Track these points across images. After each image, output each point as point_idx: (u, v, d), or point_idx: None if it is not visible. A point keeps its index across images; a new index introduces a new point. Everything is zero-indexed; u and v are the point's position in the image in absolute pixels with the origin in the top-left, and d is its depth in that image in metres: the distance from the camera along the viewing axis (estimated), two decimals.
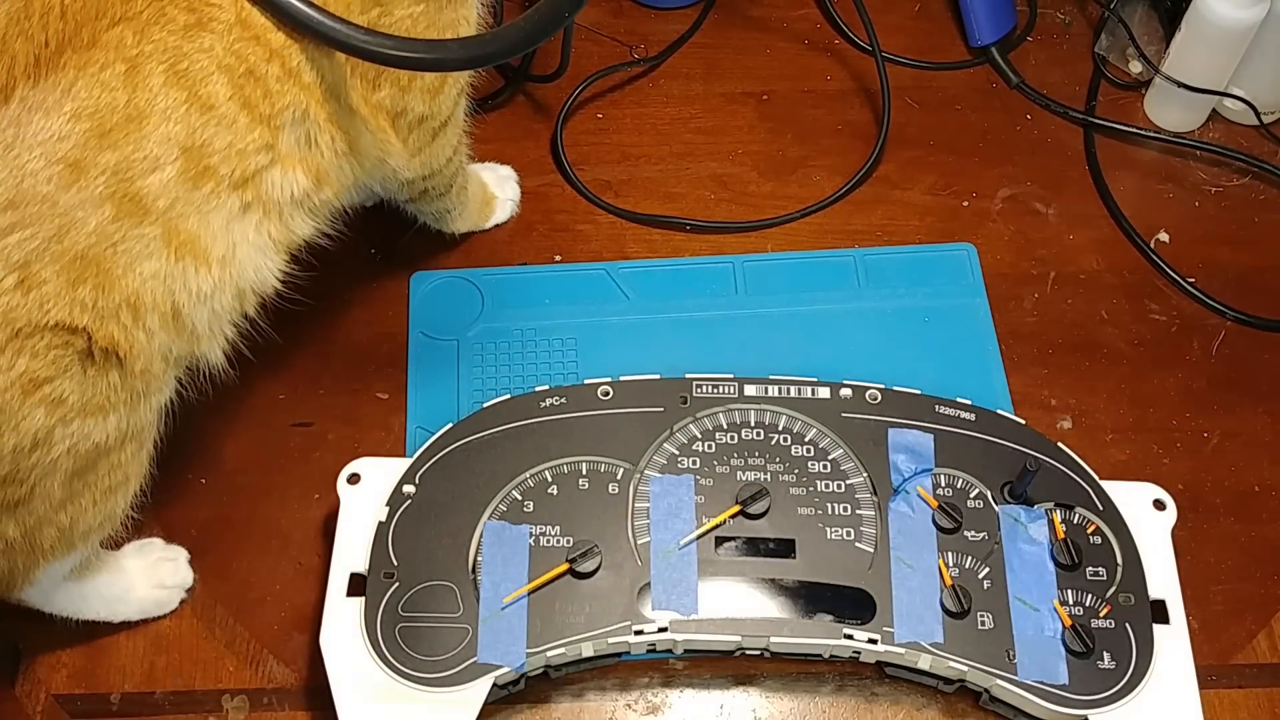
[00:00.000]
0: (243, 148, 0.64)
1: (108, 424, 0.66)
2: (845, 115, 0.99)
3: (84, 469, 0.67)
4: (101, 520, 0.71)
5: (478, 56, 0.66)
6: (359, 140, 0.71)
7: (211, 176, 0.63)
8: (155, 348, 0.66)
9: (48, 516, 0.67)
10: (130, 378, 0.65)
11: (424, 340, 0.88)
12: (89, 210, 0.60)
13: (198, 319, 0.67)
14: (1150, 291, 0.91)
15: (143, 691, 0.76)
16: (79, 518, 0.69)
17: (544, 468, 0.76)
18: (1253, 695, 0.76)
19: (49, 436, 0.63)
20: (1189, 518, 0.79)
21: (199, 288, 0.66)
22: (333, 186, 0.71)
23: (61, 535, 0.69)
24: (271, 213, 0.68)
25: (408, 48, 0.64)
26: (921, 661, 0.72)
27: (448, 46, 0.66)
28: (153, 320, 0.64)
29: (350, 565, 0.74)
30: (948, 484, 0.76)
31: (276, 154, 0.66)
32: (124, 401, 0.66)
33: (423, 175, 0.80)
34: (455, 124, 0.80)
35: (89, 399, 0.64)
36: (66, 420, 0.63)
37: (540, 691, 0.75)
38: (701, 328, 0.88)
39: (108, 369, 0.64)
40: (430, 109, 0.75)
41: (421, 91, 0.74)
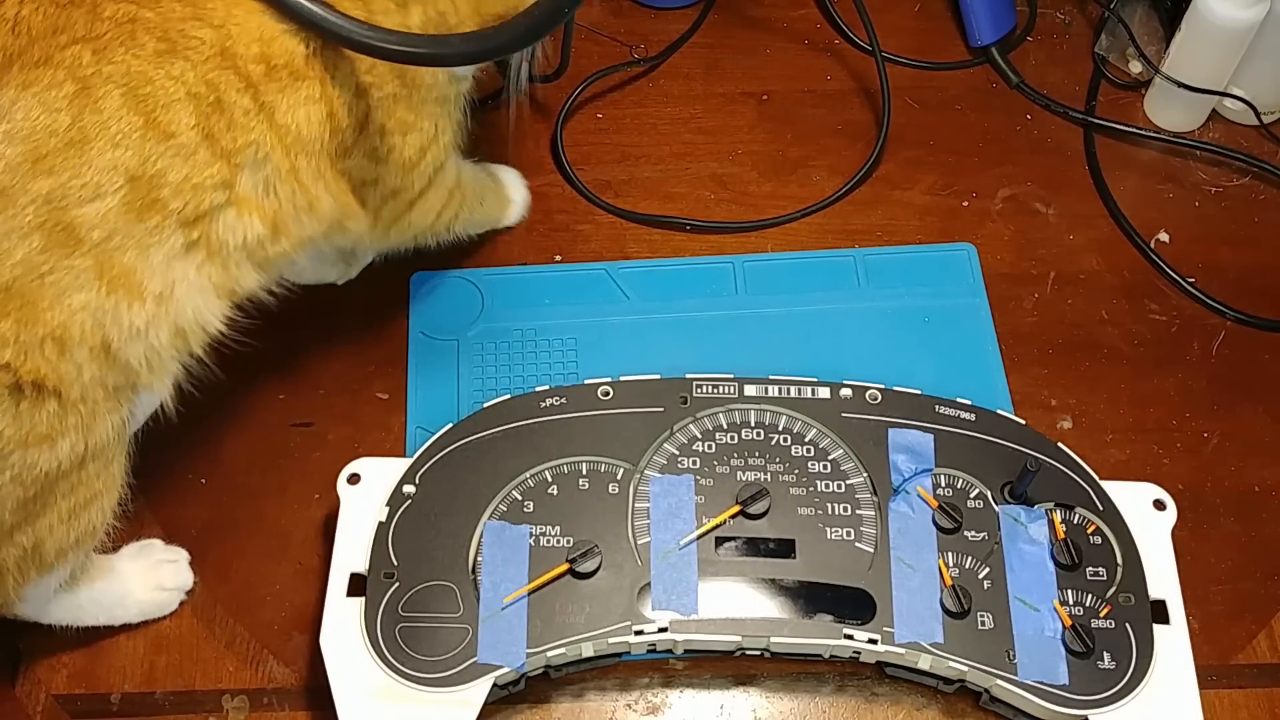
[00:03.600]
0: (199, 182, 0.62)
1: (57, 451, 0.63)
2: (845, 115, 0.99)
3: (38, 495, 0.64)
4: (77, 537, 0.68)
5: (478, 51, 0.65)
6: (318, 201, 0.68)
7: (159, 210, 0.61)
8: (88, 379, 0.63)
9: (5, 539, 0.65)
10: (69, 406, 0.63)
11: (424, 340, 0.88)
12: (14, 241, 0.57)
13: (131, 354, 0.64)
14: (1150, 291, 0.91)
15: (143, 692, 0.76)
16: (45, 539, 0.67)
17: (544, 468, 0.76)
18: (1253, 695, 0.76)
19: None
20: (1189, 518, 0.79)
21: (132, 323, 0.63)
22: (290, 239, 0.68)
23: (29, 556, 0.67)
24: (216, 256, 0.65)
25: (409, 42, 0.63)
26: (922, 662, 0.72)
27: (449, 42, 0.65)
28: (81, 353, 0.62)
29: (350, 565, 0.74)
30: (948, 484, 0.76)
31: (234, 194, 0.64)
32: (73, 427, 0.63)
33: (409, 238, 0.80)
34: (438, 187, 0.78)
35: (27, 431, 0.61)
36: (4, 454, 0.61)
37: (540, 692, 0.75)
38: (701, 328, 0.88)
39: (41, 401, 0.61)
40: (403, 183, 0.74)
41: (397, 166, 0.72)
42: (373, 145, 0.70)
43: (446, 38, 0.65)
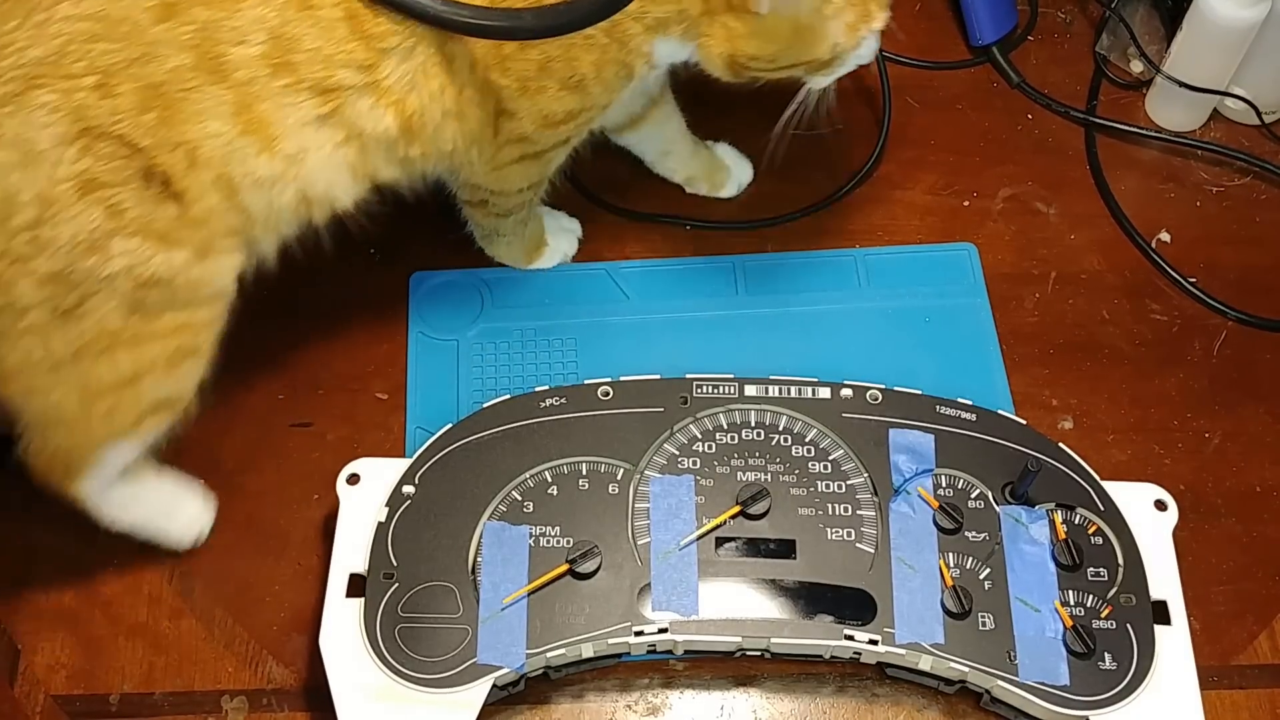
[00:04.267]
0: (331, 55, 0.65)
1: (171, 259, 0.66)
2: (845, 115, 0.99)
3: (146, 307, 0.67)
4: (168, 394, 0.72)
5: (551, 26, 0.67)
6: (467, 113, 0.71)
7: (292, 73, 0.65)
8: (208, 204, 0.67)
9: (102, 350, 0.67)
10: (188, 219, 0.66)
11: (424, 340, 0.87)
12: (171, 51, 0.62)
13: (252, 201, 0.68)
14: (1151, 291, 0.91)
15: (142, 692, 0.76)
16: (140, 373, 0.69)
17: (544, 468, 0.76)
18: (1254, 696, 0.76)
19: (106, 243, 0.64)
20: (1190, 518, 0.79)
21: (258, 171, 0.67)
22: (422, 146, 0.71)
23: (119, 391, 0.69)
24: (355, 140, 0.69)
25: (483, 15, 0.66)
26: (922, 662, 0.72)
27: (522, 15, 0.67)
28: (207, 176, 0.66)
29: (350, 566, 0.74)
30: (948, 484, 0.76)
31: (373, 80, 0.67)
32: (189, 242, 0.67)
33: (490, 188, 0.81)
34: (545, 162, 0.80)
35: (149, 219, 0.65)
36: (125, 233, 0.64)
37: (540, 692, 0.75)
38: (701, 328, 0.88)
39: (166, 198, 0.65)
40: (535, 133, 0.75)
41: (538, 115, 0.74)
42: (528, 74, 0.72)
43: (519, 11, 0.67)
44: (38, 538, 0.81)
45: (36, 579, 0.79)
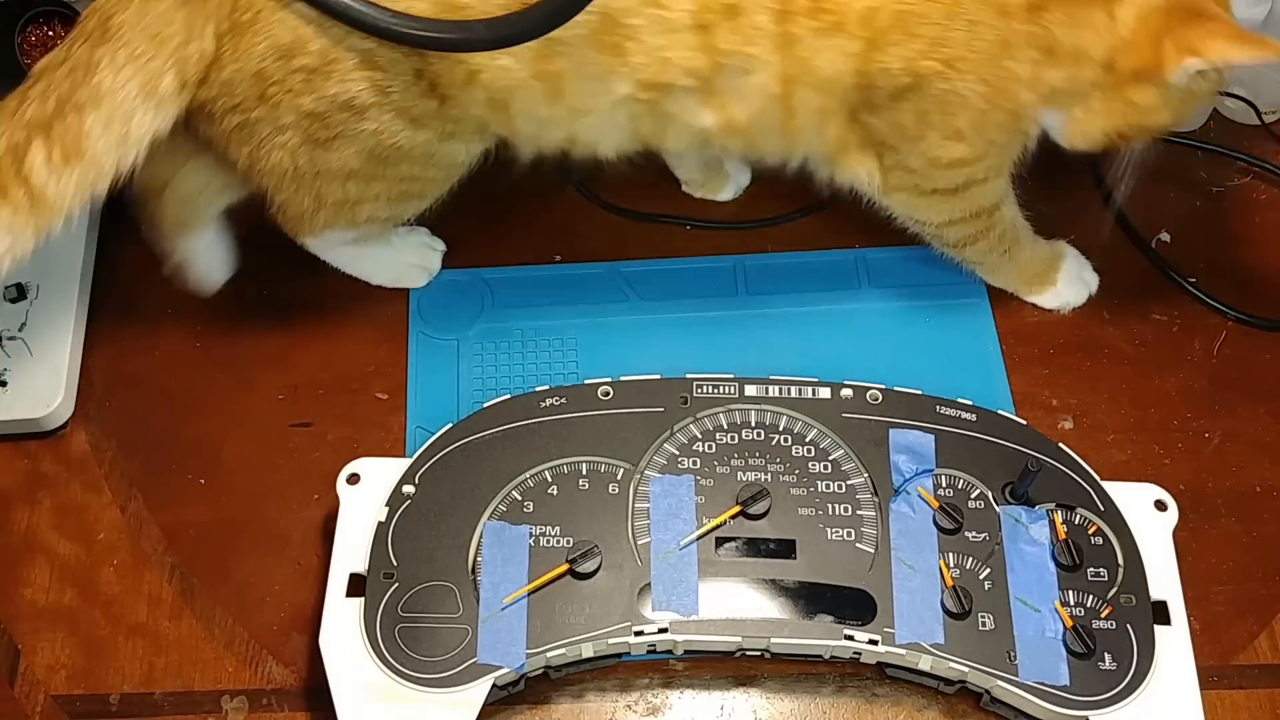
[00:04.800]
0: (668, 58, 0.68)
1: (416, 137, 0.74)
2: None
3: (384, 159, 0.76)
4: (387, 216, 0.82)
5: (503, 37, 0.67)
6: (794, 128, 0.74)
7: (618, 55, 0.68)
8: (470, 113, 0.74)
9: (339, 177, 0.77)
10: (445, 115, 0.74)
11: (424, 340, 0.87)
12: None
13: (518, 125, 0.75)
14: (1151, 292, 0.91)
15: (142, 692, 0.76)
16: (367, 201, 0.79)
17: (544, 468, 0.76)
18: (1254, 696, 0.76)
19: (364, 108, 0.72)
20: (1190, 518, 0.79)
21: (536, 111, 0.73)
22: (740, 142, 0.75)
23: (345, 206, 0.79)
24: (653, 115, 0.73)
25: (434, 28, 0.66)
26: (922, 662, 0.72)
27: (473, 28, 0.67)
28: (479, 95, 0.72)
29: (350, 565, 0.74)
30: (949, 484, 0.76)
31: (704, 88, 0.70)
32: (435, 130, 0.75)
33: (897, 215, 0.81)
34: (964, 199, 0.79)
35: (408, 105, 0.73)
36: (382, 107, 0.72)
37: (540, 692, 0.75)
38: (702, 328, 0.88)
39: (429, 94, 0.72)
40: (924, 172, 0.76)
41: (922, 156, 0.75)
42: (903, 124, 0.73)
43: (471, 24, 0.67)
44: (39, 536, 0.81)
45: (36, 579, 0.79)
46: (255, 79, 0.71)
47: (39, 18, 0.91)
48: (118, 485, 0.83)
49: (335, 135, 0.74)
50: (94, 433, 0.85)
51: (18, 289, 0.86)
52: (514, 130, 0.76)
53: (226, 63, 0.70)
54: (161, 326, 0.89)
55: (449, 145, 0.77)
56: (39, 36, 0.91)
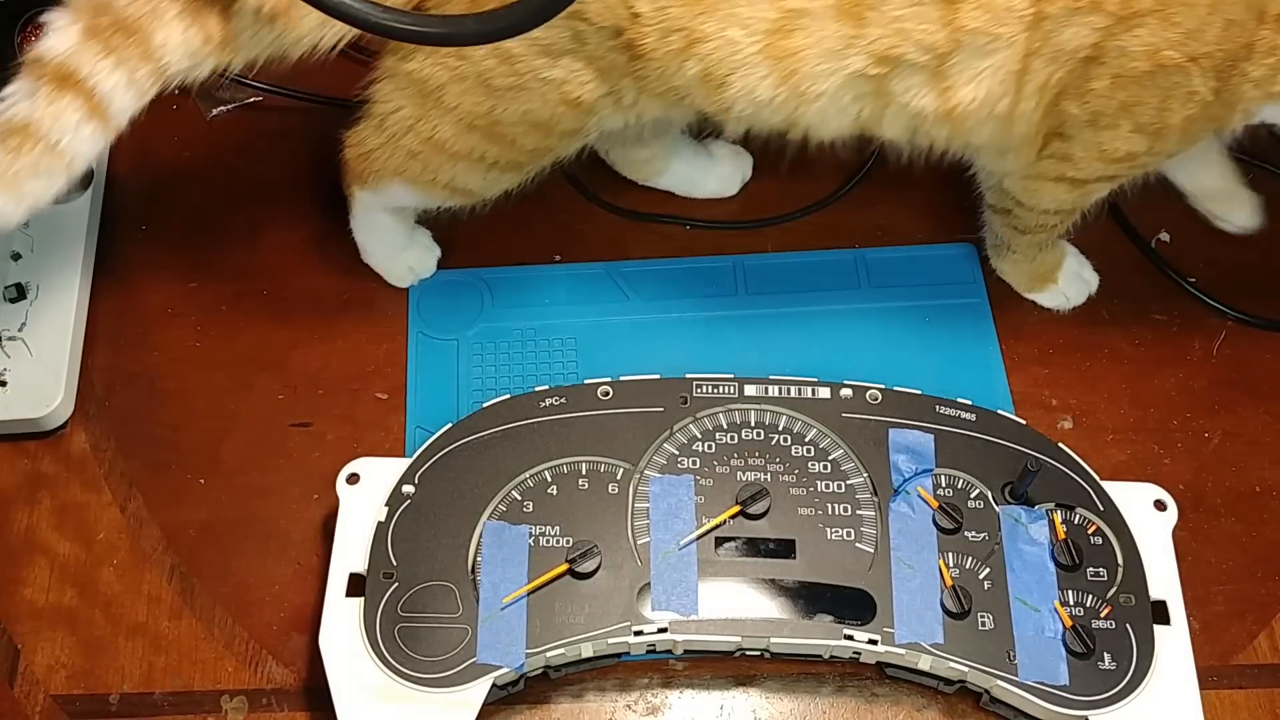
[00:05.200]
0: (909, 30, 0.66)
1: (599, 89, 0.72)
2: None
3: (490, 121, 0.74)
4: (470, 186, 0.80)
5: (492, 31, 0.66)
6: (1017, 118, 0.71)
7: (856, 25, 0.66)
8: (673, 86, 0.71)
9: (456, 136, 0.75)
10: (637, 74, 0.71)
11: (424, 340, 0.87)
12: None
13: (733, 104, 0.71)
14: (1151, 291, 0.91)
15: (141, 692, 0.76)
16: (461, 159, 0.77)
17: (544, 468, 0.76)
18: (1253, 696, 0.76)
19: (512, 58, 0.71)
20: (1190, 518, 0.79)
21: (757, 91, 0.69)
22: (950, 131, 0.72)
23: (427, 165, 0.78)
24: (878, 101, 0.70)
25: (422, 22, 0.65)
26: (922, 662, 0.72)
27: (463, 22, 0.66)
28: (693, 69, 0.69)
29: (349, 565, 0.74)
30: (948, 484, 0.76)
31: (938, 67, 0.68)
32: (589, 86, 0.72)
33: (1017, 197, 0.80)
34: (1084, 193, 0.79)
35: (598, 56, 0.71)
36: (577, 55, 0.71)
37: (540, 692, 0.75)
38: (702, 328, 0.88)
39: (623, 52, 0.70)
40: (1084, 161, 0.74)
41: (1095, 147, 0.73)
42: (1102, 110, 0.71)
43: (461, 18, 0.66)
44: (39, 536, 0.81)
45: (36, 579, 0.79)
46: None
47: (39, 18, 0.91)
48: (118, 485, 0.83)
49: (515, 84, 0.72)
50: (94, 433, 0.85)
51: (18, 289, 0.86)
52: (724, 112, 0.72)
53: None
54: (161, 326, 0.89)
55: (613, 115, 0.75)
56: (39, 36, 0.91)
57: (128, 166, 0.95)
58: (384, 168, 0.80)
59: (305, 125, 0.98)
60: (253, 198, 0.94)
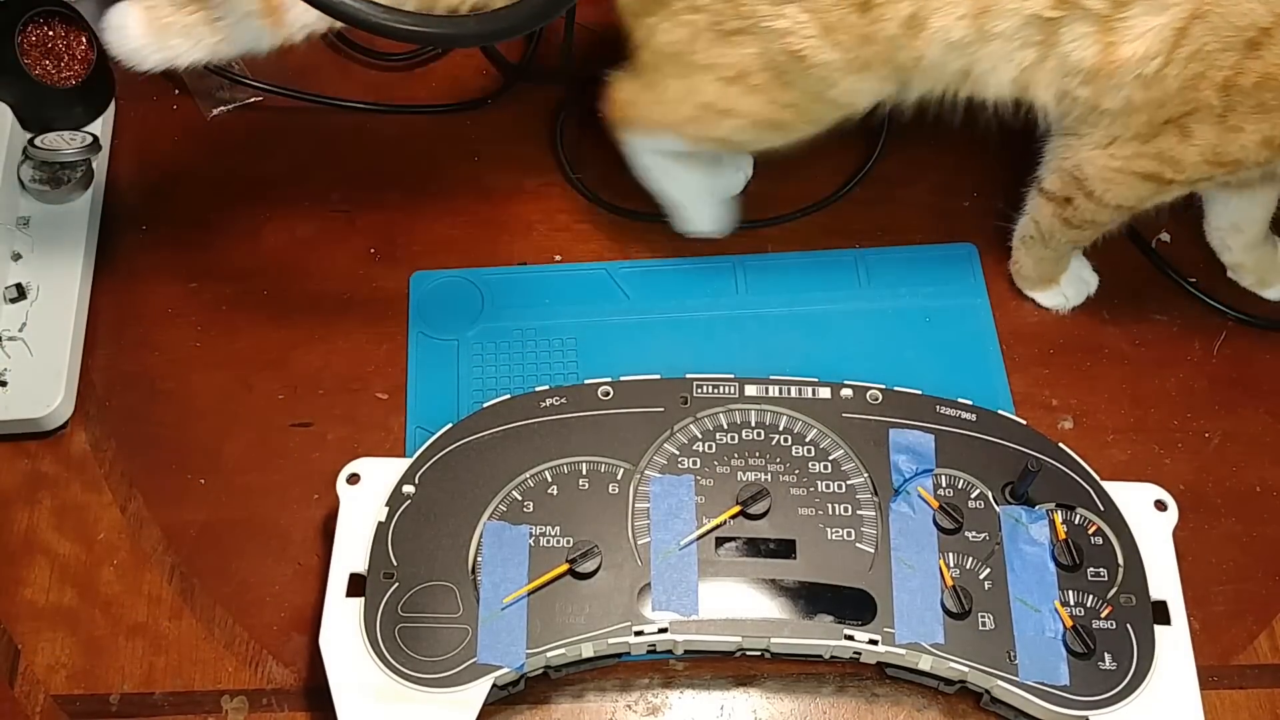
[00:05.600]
0: None
1: (824, 52, 0.73)
2: None
3: (781, 71, 0.75)
4: (737, 139, 0.82)
5: (493, 31, 0.66)
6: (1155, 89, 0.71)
7: None
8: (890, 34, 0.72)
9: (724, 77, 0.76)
10: (862, 33, 0.72)
11: (424, 340, 0.87)
12: None
13: (927, 51, 0.72)
14: (1151, 292, 0.91)
15: (142, 692, 0.76)
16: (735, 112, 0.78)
17: (544, 468, 0.76)
18: (1254, 696, 0.76)
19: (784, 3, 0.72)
20: (1190, 518, 0.79)
21: (950, 32, 0.71)
22: (1092, 91, 0.73)
23: (710, 112, 0.79)
24: (1041, 51, 0.72)
25: (423, 23, 0.65)
26: (922, 662, 0.72)
27: (465, 23, 0.66)
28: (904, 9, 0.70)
29: (350, 566, 0.74)
30: (949, 484, 0.76)
31: (1111, 16, 0.69)
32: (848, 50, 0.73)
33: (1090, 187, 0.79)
34: (1162, 194, 0.78)
35: (827, 9, 0.71)
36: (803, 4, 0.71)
37: (540, 692, 0.75)
38: (701, 328, 0.88)
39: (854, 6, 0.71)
40: (1187, 161, 0.74)
41: (1209, 148, 0.73)
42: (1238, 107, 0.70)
43: (463, 18, 0.66)
44: (39, 536, 0.81)
45: (37, 579, 0.79)
46: None
47: (39, 18, 0.91)
48: (118, 485, 0.83)
49: (741, 29, 0.73)
50: (94, 433, 0.85)
51: (18, 289, 0.86)
52: (916, 60, 0.73)
53: None
54: (161, 326, 0.89)
55: (851, 79, 0.75)
56: (39, 36, 0.91)
57: (128, 166, 0.95)
58: (658, 122, 0.82)
59: (305, 125, 0.98)
60: (253, 198, 0.94)
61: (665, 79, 0.79)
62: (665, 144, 0.85)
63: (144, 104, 0.98)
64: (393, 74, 1.01)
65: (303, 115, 0.98)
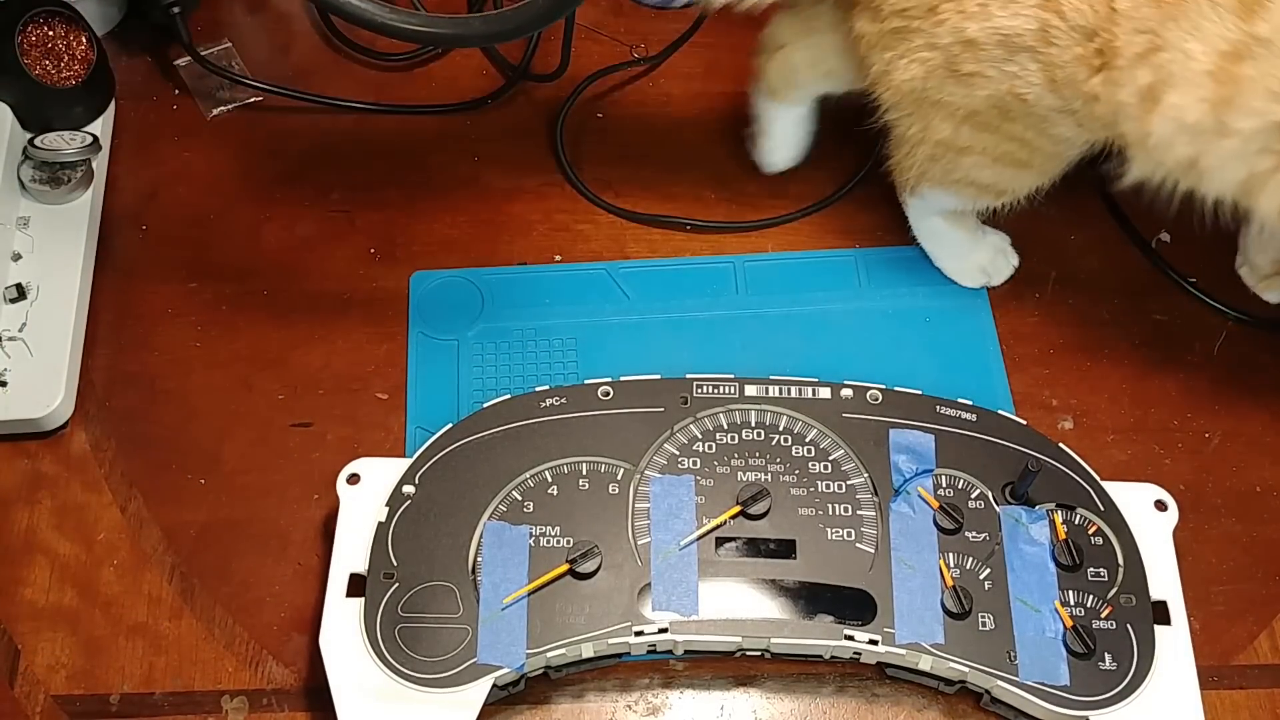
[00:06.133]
0: None
1: (1047, 97, 0.72)
2: (846, 114, 0.99)
3: (1004, 109, 0.74)
4: (986, 180, 0.80)
5: (499, 31, 0.66)
6: None
7: None
8: (1120, 100, 0.69)
9: (954, 117, 0.76)
10: (1084, 89, 0.70)
11: (424, 340, 0.87)
12: None
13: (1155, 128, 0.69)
14: (1152, 291, 0.91)
15: (142, 692, 0.76)
16: (969, 150, 0.78)
17: (544, 468, 0.76)
18: (1254, 696, 0.76)
19: (1018, 50, 0.71)
20: (1190, 518, 0.79)
21: (1187, 114, 0.68)
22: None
23: (946, 152, 0.79)
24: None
25: (430, 23, 0.66)
26: (922, 662, 0.72)
27: (469, 23, 0.66)
28: (1143, 77, 0.68)
29: (350, 566, 0.74)
30: (949, 484, 0.76)
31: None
32: (1070, 100, 0.72)
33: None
34: None
35: (1059, 63, 0.70)
36: (1035, 54, 0.70)
37: (540, 692, 0.75)
38: (701, 328, 0.88)
39: (1087, 65, 0.69)
40: None
41: None
42: None
43: (467, 19, 0.66)
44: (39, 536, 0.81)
45: (37, 579, 0.79)
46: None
47: (39, 18, 0.91)
48: (118, 485, 0.83)
49: (976, 71, 0.73)
50: (94, 433, 0.85)
51: (18, 289, 0.86)
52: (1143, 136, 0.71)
53: None
54: (161, 326, 0.89)
55: (1069, 123, 0.74)
56: (39, 36, 0.91)
57: (128, 166, 0.95)
58: (913, 174, 0.82)
59: (305, 125, 0.98)
60: (253, 198, 0.94)
61: (904, 118, 0.80)
62: (937, 201, 0.85)
63: (144, 104, 0.98)
64: (393, 74, 1.01)
65: (303, 115, 0.98)
